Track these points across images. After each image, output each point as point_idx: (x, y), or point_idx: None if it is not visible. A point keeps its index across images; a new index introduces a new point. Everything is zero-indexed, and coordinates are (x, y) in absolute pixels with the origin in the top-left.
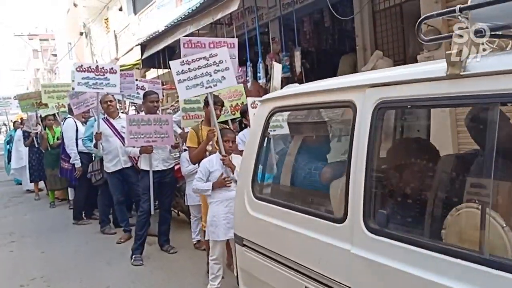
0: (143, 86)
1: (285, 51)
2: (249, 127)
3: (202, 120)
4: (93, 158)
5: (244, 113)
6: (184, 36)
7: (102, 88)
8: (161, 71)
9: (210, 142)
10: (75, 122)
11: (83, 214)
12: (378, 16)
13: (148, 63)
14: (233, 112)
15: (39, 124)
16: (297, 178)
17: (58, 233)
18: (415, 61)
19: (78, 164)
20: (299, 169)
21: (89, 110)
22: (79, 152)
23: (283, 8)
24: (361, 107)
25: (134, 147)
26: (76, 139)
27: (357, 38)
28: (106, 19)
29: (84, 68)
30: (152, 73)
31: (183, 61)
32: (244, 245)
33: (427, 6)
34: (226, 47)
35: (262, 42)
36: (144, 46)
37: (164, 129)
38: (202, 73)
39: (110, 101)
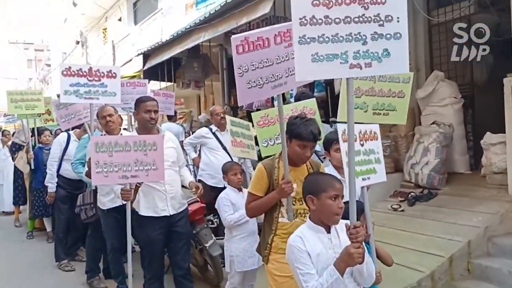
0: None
1: None
2: (332, 163)
3: (280, 153)
4: (86, 187)
5: (329, 144)
6: (193, 45)
7: (98, 98)
8: (164, 84)
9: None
10: (68, 136)
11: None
12: (436, 31)
13: (150, 75)
14: None
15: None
16: None
17: (29, 279)
18: (490, 85)
19: (51, 188)
20: None
21: (82, 123)
22: (60, 176)
23: None
24: None
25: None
26: (61, 159)
27: (409, 56)
28: (105, 29)
29: (73, 71)
30: (153, 85)
31: (311, 16)
32: None
33: None
34: None
35: None
36: (147, 55)
37: (150, 158)
38: (350, 35)
39: (110, 115)
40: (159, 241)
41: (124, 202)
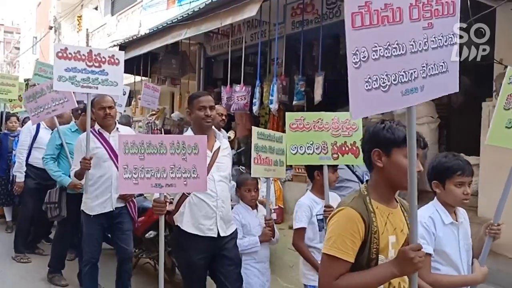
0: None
1: (301, 74)
2: (441, 199)
3: (366, 185)
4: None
5: (447, 174)
6: (174, 41)
7: (97, 87)
8: (138, 78)
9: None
10: (38, 126)
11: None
12: None
13: (125, 67)
14: (335, 155)
15: None
16: None
17: None
18: (465, 108)
19: (20, 177)
20: None
21: (52, 117)
22: (29, 165)
23: (292, 27)
24: None
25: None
26: (31, 147)
27: None
28: (79, 16)
29: (70, 53)
30: (127, 79)
31: None
32: None
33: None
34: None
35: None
36: (123, 47)
37: (190, 163)
38: None
39: (110, 107)
40: (201, 267)
41: (116, 206)
